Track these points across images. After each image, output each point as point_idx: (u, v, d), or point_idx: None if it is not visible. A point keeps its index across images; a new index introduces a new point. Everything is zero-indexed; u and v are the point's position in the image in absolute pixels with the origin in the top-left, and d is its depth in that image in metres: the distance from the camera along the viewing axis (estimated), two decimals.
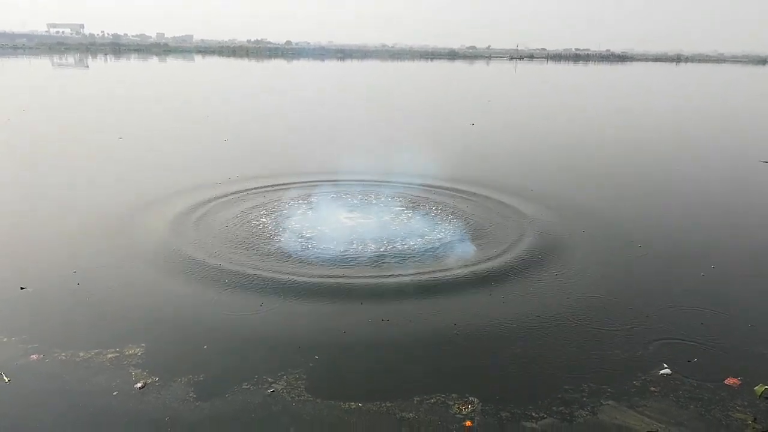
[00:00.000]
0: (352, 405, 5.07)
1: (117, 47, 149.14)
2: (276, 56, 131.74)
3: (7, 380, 5.28)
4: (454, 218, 10.17)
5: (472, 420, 4.91)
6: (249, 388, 5.26)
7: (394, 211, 10.49)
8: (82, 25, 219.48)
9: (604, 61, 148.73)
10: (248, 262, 8.05)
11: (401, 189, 12.08)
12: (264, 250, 8.50)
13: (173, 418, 4.84)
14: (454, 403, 5.12)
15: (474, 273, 7.88)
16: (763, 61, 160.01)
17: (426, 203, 11.07)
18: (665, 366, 5.74)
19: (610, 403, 5.18)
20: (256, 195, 11.43)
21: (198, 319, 6.55)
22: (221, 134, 19.44)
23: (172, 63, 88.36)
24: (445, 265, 8.09)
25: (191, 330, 6.31)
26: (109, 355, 5.72)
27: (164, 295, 7.12)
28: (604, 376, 5.59)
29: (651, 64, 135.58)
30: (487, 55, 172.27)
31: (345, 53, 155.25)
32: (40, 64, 71.93)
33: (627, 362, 5.85)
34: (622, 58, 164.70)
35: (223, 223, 9.64)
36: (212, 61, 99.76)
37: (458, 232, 9.41)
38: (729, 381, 5.53)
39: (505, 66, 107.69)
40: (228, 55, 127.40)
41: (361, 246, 8.73)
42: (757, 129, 26.72)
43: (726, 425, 4.92)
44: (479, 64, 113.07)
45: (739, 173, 15.83)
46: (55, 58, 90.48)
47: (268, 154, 16.70)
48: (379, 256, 8.36)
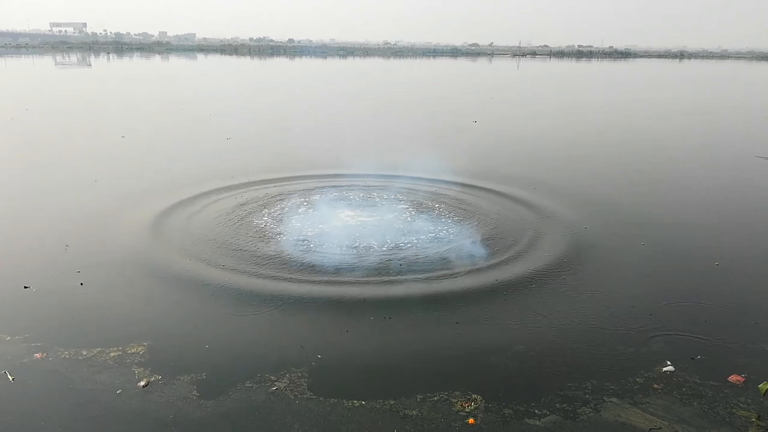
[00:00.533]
0: (355, 403, 5.07)
1: (119, 46, 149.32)
2: (278, 54, 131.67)
3: (11, 379, 5.30)
4: (456, 216, 10.16)
5: (475, 417, 4.91)
6: (252, 387, 5.27)
7: (399, 209, 10.49)
8: (85, 24, 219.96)
9: (606, 57, 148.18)
10: (251, 260, 8.06)
11: (405, 185, 12.08)
12: (268, 248, 8.51)
13: (177, 416, 4.85)
14: (457, 401, 5.12)
15: (476, 271, 7.88)
16: (766, 57, 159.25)
17: (430, 200, 11.06)
18: (668, 363, 5.73)
19: (613, 400, 5.18)
20: (258, 193, 11.44)
21: (200, 317, 6.56)
22: (224, 133, 19.44)
23: (175, 61, 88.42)
24: (452, 266, 8.08)
25: (194, 328, 6.32)
26: (112, 354, 5.74)
27: (167, 294, 7.13)
28: (607, 373, 5.58)
29: (654, 60, 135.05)
30: (490, 53, 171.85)
31: (347, 51, 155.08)
32: (43, 63, 72.07)
33: (630, 359, 5.84)
34: (625, 54, 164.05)
35: (224, 222, 9.66)
36: (214, 59, 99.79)
37: (462, 232, 9.40)
38: (733, 378, 5.51)
39: (508, 63, 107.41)
40: (230, 54, 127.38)
41: (366, 245, 8.73)
42: (756, 125, 26.59)
43: (729, 423, 4.90)
44: (482, 62, 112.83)
45: (743, 170, 15.77)
46: (58, 57, 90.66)
47: (272, 152, 16.69)
48: (384, 256, 8.36)
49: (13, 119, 21.97)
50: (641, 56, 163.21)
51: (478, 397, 5.18)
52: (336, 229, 9.35)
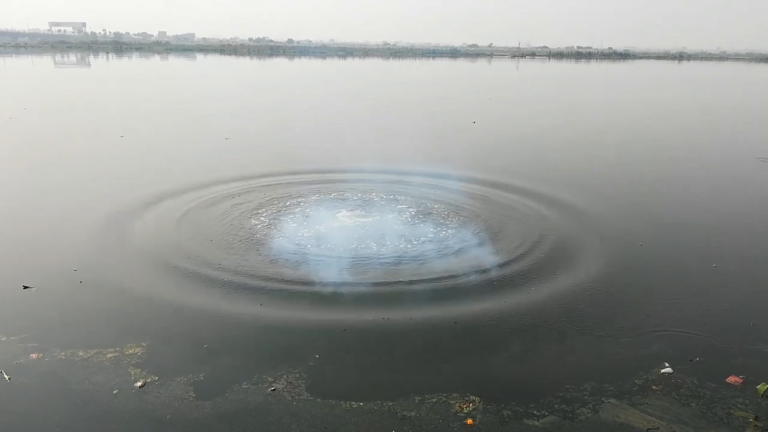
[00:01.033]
0: (353, 404, 5.06)
1: (119, 46, 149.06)
2: (277, 54, 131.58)
3: (7, 378, 5.28)
4: (453, 216, 10.15)
5: (473, 418, 4.90)
6: (249, 388, 5.25)
7: (400, 210, 10.48)
8: (84, 24, 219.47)
9: (606, 59, 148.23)
10: (250, 261, 8.04)
11: (405, 187, 12.08)
12: (267, 249, 8.49)
13: (174, 417, 4.84)
14: (456, 402, 5.11)
15: (475, 272, 7.87)
16: (766, 58, 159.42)
17: (427, 201, 11.05)
18: (666, 365, 5.72)
19: (611, 401, 5.17)
20: (257, 193, 11.42)
21: (198, 318, 6.54)
22: (222, 133, 19.41)
23: (174, 61, 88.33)
24: (453, 265, 8.08)
25: (191, 329, 6.30)
26: (109, 355, 5.72)
27: (164, 295, 7.10)
28: (606, 374, 5.58)
29: (653, 61, 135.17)
30: (489, 53, 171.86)
31: (346, 51, 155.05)
32: (42, 63, 71.98)
33: (628, 361, 5.84)
34: (624, 56, 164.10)
35: (222, 222, 9.64)
36: (214, 59, 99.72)
37: (465, 232, 9.39)
38: (731, 379, 5.51)
39: (507, 64, 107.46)
40: (229, 54, 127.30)
41: (366, 247, 8.72)
42: (757, 126, 26.60)
43: (727, 423, 4.90)
44: (481, 62, 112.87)
45: (743, 170, 15.77)
46: (57, 57, 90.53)
47: (272, 152, 16.67)
48: (383, 255, 8.35)
49: (11, 119, 21.93)
50: (640, 57, 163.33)
51: (477, 398, 5.17)
52: (335, 230, 9.34)
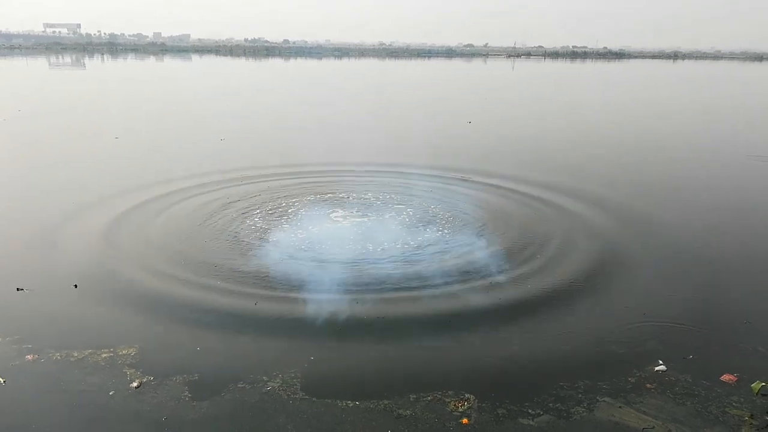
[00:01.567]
0: (349, 403, 5.06)
1: (114, 47, 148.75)
2: (273, 55, 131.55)
3: (2, 381, 5.26)
4: (448, 214, 10.17)
5: (468, 417, 4.91)
6: (245, 387, 5.25)
7: (399, 210, 10.50)
8: (79, 25, 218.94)
9: (601, 58, 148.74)
10: (243, 260, 8.04)
11: (399, 187, 12.10)
12: (262, 250, 8.49)
13: (170, 417, 4.83)
14: (451, 401, 5.12)
15: (469, 269, 7.89)
16: (759, 57, 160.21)
17: (422, 200, 11.08)
18: (660, 362, 5.74)
19: (606, 399, 5.18)
20: (252, 194, 11.41)
21: (192, 318, 6.52)
22: (218, 133, 19.39)
23: (169, 63, 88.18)
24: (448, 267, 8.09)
25: (185, 329, 6.28)
26: (104, 355, 5.70)
27: (158, 295, 7.07)
28: (600, 373, 5.59)
29: (648, 61, 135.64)
30: (485, 53, 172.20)
31: (342, 52, 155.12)
32: (37, 64, 71.74)
33: (623, 359, 5.85)
34: (620, 55, 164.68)
35: (217, 222, 9.63)
36: (209, 60, 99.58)
37: (464, 231, 9.41)
38: (725, 377, 5.53)
39: (503, 64, 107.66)
40: (225, 54, 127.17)
41: (364, 247, 8.73)
42: (755, 124, 26.72)
43: (723, 422, 4.92)
44: (477, 62, 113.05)
45: (738, 169, 15.85)
46: (52, 58, 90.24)
47: (269, 152, 16.66)
48: (378, 254, 8.36)
49: (4, 120, 21.85)
50: (635, 57, 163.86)
51: (472, 396, 5.18)
52: (328, 230, 9.35)
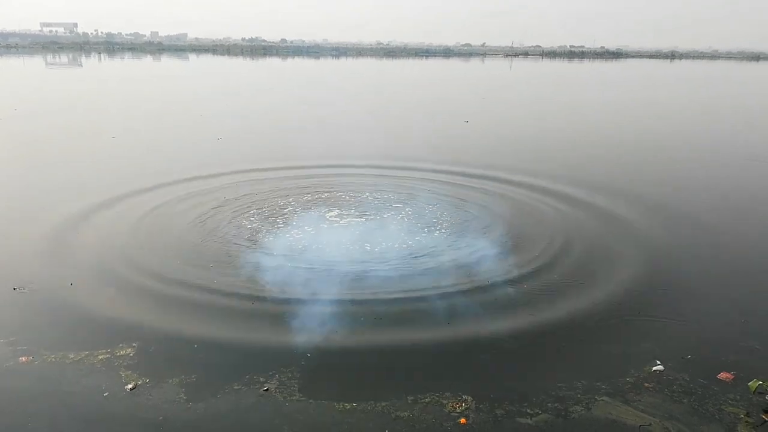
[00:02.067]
0: (346, 405, 5.04)
1: (110, 46, 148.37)
2: (271, 54, 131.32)
3: None
4: (451, 211, 10.16)
5: (466, 417, 4.89)
6: (241, 389, 5.22)
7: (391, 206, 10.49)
8: (76, 24, 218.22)
9: (598, 57, 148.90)
10: (239, 260, 8.01)
11: (394, 184, 12.09)
12: (258, 249, 8.46)
13: (165, 419, 4.80)
14: (449, 401, 5.10)
15: (464, 269, 7.88)
16: (756, 57, 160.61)
17: (417, 195, 11.08)
18: (658, 362, 5.74)
19: (604, 399, 5.18)
20: (250, 194, 11.39)
21: (188, 320, 6.49)
22: (215, 133, 19.33)
23: (166, 62, 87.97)
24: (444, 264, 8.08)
25: (181, 331, 6.24)
26: (100, 357, 5.67)
27: (153, 296, 7.03)
28: (598, 372, 5.58)
29: (645, 60, 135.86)
30: (482, 53, 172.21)
31: (340, 51, 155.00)
32: (34, 63, 71.49)
33: (620, 358, 5.85)
34: (617, 55, 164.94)
35: (214, 222, 9.60)
36: (206, 59, 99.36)
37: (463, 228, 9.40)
38: (722, 375, 5.53)
39: (501, 63, 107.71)
40: (222, 54, 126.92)
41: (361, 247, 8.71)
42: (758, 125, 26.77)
43: (719, 419, 4.92)
44: (474, 62, 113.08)
45: (735, 170, 15.87)
46: (49, 57, 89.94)
47: (265, 153, 16.61)
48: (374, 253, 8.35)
49: (0, 120, 21.76)
50: (633, 56, 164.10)
51: (469, 397, 5.16)
52: (327, 230, 9.33)
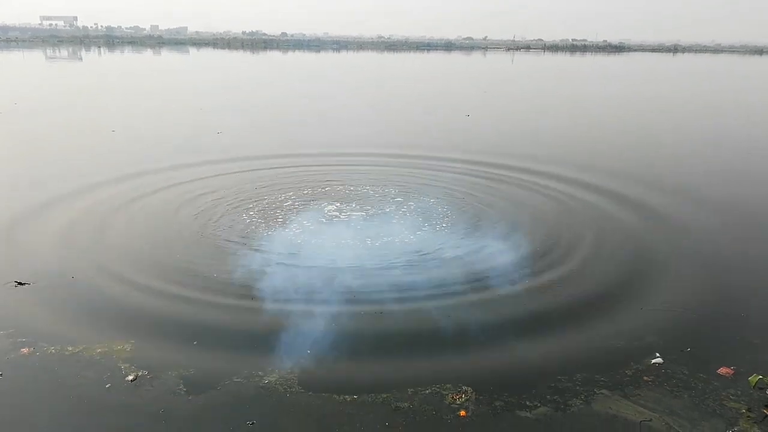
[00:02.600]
0: (347, 397, 5.05)
1: (110, 40, 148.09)
2: (271, 48, 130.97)
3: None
4: (446, 202, 10.15)
5: (466, 410, 4.90)
6: (241, 381, 5.22)
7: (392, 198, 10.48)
8: (76, 18, 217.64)
9: (601, 51, 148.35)
10: (239, 253, 8.01)
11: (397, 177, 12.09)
12: (259, 242, 8.46)
13: (167, 411, 4.81)
14: (449, 393, 5.11)
15: (464, 262, 7.87)
16: (759, 51, 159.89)
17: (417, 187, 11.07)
18: (657, 355, 5.74)
19: (603, 392, 5.18)
20: (250, 186, 11.38)
21: (187, 311, 6.49)
22: (214, 127, 19.30)
23: (167, 56, 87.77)
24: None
25: (180, 323, 6.25)
26: (99, 349, 5.67)
27: (153, 289, 7.02)
28: (598, 365, 5.58)
29: (648, 54, 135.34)
30: (484, 47, 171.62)
31: (340, 45, 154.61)
32: (34, 57, 71.34)
33: (620, 352, 5.84)
34: (619, 48, 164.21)
35: (206, 216, 9.60)
36: (207, 53, 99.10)
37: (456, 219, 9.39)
38: (722, 370, 5.52)
39: (502, 57, 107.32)
40: (223, 47, 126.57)
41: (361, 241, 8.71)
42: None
43: (720, 414, 4.91)
44: (476, 55, 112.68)
45: (738, 164, 15.83)
46: (49, 51, 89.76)
47: (266, 146, 16.58)
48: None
49: (0, 114, 21.74)
50: (635, 50, 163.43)
51: (469, 389, 5.17)
52: (324, 225, 9.33)
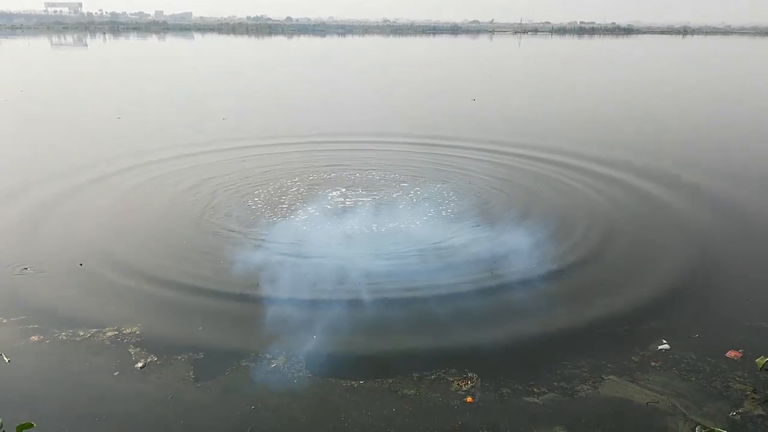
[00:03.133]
0: (353, 383, 5.07)
1: (115, 26, 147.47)
2: (276, 33, 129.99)
3: (7, 360, 5.30)
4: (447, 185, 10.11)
5: (473, 396, 4.91)
6: (249, 366, 5.26)
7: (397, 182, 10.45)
8: (80, 4, 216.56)
9: (609, 34, 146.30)
10: (245, 239, 8.02)
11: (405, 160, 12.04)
12: (267, 226, 8.47)
13: (176, 397, 4.86)
14: (455, 380, 5.12)
15: (471, 248, 7.85)
16: None
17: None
18: (664, 341, 5.72)
19: (611, 377, 5.18)
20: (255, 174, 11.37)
21: (194, 297, 6.52)
22: (220, 113, 19.25)
23: (171, 41, 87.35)
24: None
25: (187, 309, 6.29)
26: (109, 335, 5.72)
27: (161, 275, 7.06)
28: (605, 351, 5.58)
29: (657, 36, 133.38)
30: (491, 30, 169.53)
31: (346, 29, 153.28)
32: (39, 44, 71.22)
33: (628, 337, 5.84)
34: (628, 31, 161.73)
35: (220, 201, 9.62)
36: (211, 38, 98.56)
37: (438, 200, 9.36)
38: (730, 354, 5.51)
39: (509, 41, 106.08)
40: (227, 33, 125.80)
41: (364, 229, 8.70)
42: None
43: (726, 396, 4.91)
44: (482, 39, 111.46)
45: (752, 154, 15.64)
46: (54, 38, 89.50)
47: (272, 131, 16.53)
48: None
49: (6, 101, 21.78)
50: (644, 32, 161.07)
51: (475, 376, 5.18)
52: (330, 212, 9.33)
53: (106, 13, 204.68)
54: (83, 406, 4.79)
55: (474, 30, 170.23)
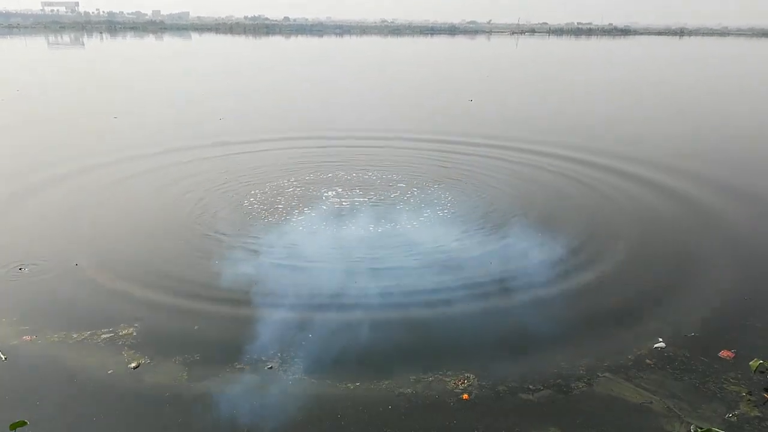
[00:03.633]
0: (349, 384, 5.07)
1: (112, 25, 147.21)
2: (274, 33, 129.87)
3: (3, 358, 5.28)
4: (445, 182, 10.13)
5: (469, 393, 4.93)
6: (245, 368, 5.25)
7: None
8: (77, 3, 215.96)
9: (606, 35, 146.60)
10: (247, 234, 8.02)
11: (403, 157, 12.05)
12: (264, 227, 8.47)
13: (169, 398, 4.85)
14: (451, 379, 5.13)
15: (469, 245, 7.87)
16: (767, 33, 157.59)
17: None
18: (660, 340, 5.74)
19: (606, 375, 5.19)
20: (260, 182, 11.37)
21: (189, 299, 6.49)
22: (217, 113, 19.23)
23: (169, 41, 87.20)
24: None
25: (183, 310, 6.27)
26: (103, 336, 5.71)
27: (155, 276, 7.06)
28: (600, 349, 5.59)
29: (654, 37, 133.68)
30: (488, 30, 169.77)
31: (343, 29, 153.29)
32: (36, 44, 70.98)
33: (623, 336, 5.85)
34: (625, 32, 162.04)
35: (215, 203, 9.61)
36: (209, 38, 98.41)
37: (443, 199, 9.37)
38: (723, 354, 5.53)
39: (506, 41, 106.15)
40: (225, 32, 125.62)
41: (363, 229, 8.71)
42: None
43: (720, 398, 4.92)
44: (480, 39, 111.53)
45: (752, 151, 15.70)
46: (51, 37, 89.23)
47: (269, 131, 16.52)
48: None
49: (2, 101, 21.72)
50: (641, 33, 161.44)
51: (471, 374, 5.19)
52: (329, 209, 9.33)
53: (103, 12, 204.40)
54: (76, 406, 4.76)
55: (471, 30, 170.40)
